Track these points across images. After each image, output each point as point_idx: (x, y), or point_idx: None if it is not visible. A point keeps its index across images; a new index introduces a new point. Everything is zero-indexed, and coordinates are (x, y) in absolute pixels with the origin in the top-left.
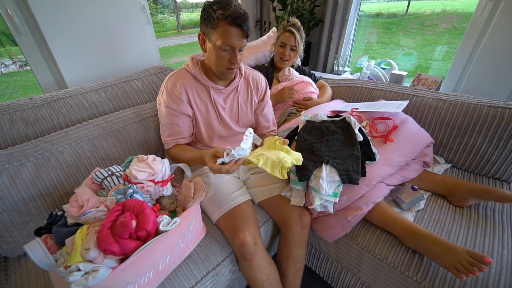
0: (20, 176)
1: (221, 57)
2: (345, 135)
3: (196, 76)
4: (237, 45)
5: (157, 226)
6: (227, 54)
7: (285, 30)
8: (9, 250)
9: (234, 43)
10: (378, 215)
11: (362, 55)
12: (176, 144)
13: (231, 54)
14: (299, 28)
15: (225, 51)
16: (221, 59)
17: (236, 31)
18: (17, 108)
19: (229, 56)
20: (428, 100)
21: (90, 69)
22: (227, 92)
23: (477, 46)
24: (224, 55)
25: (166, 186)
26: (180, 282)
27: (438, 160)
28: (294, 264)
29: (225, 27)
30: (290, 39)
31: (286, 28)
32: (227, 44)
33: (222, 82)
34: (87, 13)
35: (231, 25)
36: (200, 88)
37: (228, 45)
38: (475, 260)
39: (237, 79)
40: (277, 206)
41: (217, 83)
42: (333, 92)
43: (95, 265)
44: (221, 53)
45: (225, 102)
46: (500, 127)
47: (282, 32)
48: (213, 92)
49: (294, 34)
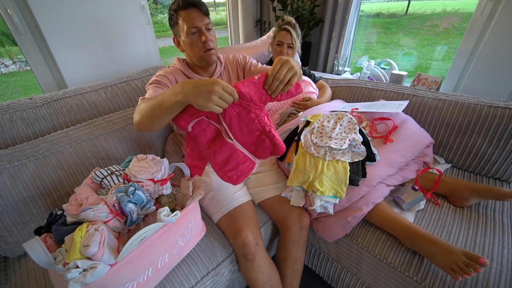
0: (20, 175)
1: (193, 43)
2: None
3: (183, 71)
4: (200, 25)
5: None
6: (197, 37)
7: (281, 29)
8: (9, 250)
9: (196, 24)
10: (378, 216)
11: (362, 55)
12: (144, 98)
13: (200, 35)
14: (295, 26)
15: (193, 35)
16: (194, 45)
17: (194, 12)
18: (17, 108)
19: (199, 38)
20: (428, 100)
21: (90, 69)
22: None
23: (477, 46)
24: (195, 39)
25: (166, 185)
26: (180, 282)
27: (438, 160)
28: (292, 265)
29: (183, 14)
30: (286, 37)
31: (281, 27)
32: (191, 27)
33: (206, 73)
34: (87, 13)
35: (187, 9)
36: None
37: (192, 26)
38: (471, 261)
39: (219, 67)
40: (277, 206)
41: (202, 75)
42: (333, 92)
43: (93, 262)
44: (192, 39)
45: None
46: (500, 127)
47: (278, 31)
48: None
49: (290, 32)
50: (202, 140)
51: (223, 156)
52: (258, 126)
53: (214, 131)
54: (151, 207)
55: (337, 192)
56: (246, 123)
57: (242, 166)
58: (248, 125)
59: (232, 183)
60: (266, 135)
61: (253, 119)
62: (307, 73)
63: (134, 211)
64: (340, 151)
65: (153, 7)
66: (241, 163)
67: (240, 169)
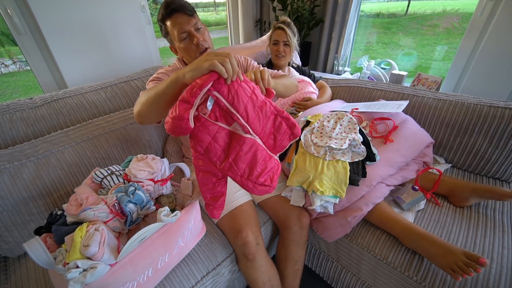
0: (20, 175)
1: (187, 47)
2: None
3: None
4: (188, 28)
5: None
6: (189, 41)
7: (276, 28)
8: (9, 250)
9: (184, 28)
10: (378, 215)
11: (362, 55)
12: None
13: (191, 38)
14: (289, 24)
15: (185, 40)
16: (188, 48)
17: (179, 17)
18: (17, 108)
19: (191, 41)
20: (428, 100)
21: (90, 69)
22: None
23: (477, 46)
24: (187, 43)
25: (166, 185)
26: (180, 282)
27: (438, 160)
28: (292, 265)
29: (168, 22)
30: (281, 35)
31: (276, 26)
32: (180, 33)
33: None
34: (87, 13)
35: (171, 16)
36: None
37: (181, 32)
38: (471, 261)
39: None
40: (277, 206)
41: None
42: (333, 92)
43: (93, 262)
44: (185, 44)
45: None
46: (500, 127)
47: (273, 30)
48: None
49: (284, 30)
50: (216, 151)
51: (246, 159)
52: (271, 108)
53: (226, 135)
54: (151, 207)
55: (337, 192)
56: (260, 107)
57: (270, 163)
58: (263, 109)
59: (268, 191)
60: (280, 117)
61: (264, 101)
62: (307, 73)
63: (134, 211)
64: (340, 151)
65: (153, 7)
66: (267, 160)
67: (270, 168)
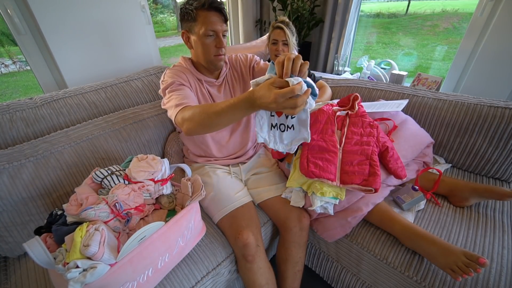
0: (20, 176)
1: (207, 45)
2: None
3: (190, 70)
4: (219, 29)
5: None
6: (212, 40)
7: (275, 28)
8: (9, 250)
9: (216, 27)
10: (378, 216)
11: (362, 55)
12: (187, 106)
13: (216, 39)
14: (288, 24)
15: (209, 38)
16: (207, 47)
17: (215, 16)
18: (17, 108)
19: (214, 42)
20: (428, 100)
21: (90, 69)
22: (219, 84)
23: (477, 46)
24: (209, 42)
25: (166, 185)
26: (180, 282)
27: (438, 160)
28: (293, 266)
29: (204, 14)
30: (280, 34)
31: (275, 26)
32: (210, 29)
33: (212, 75)
34: (87, 13)
35: (209, 11)
36: (196, 81)
37: (211, 30)
38: (471, 261)
39: (225, 69)
40: (277, 207)
41: (208, 76)
42: (333, 92)
43: (93, 262)
44: (206, 41)
45: (219, 93)
46: (500, 127)
47: (272, 30)
48: (206, 85)
49: (283, 29)
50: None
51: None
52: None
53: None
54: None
55: (337, 194)
56: (361, 135)
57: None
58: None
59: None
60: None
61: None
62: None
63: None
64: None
65: (153, 7)
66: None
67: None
